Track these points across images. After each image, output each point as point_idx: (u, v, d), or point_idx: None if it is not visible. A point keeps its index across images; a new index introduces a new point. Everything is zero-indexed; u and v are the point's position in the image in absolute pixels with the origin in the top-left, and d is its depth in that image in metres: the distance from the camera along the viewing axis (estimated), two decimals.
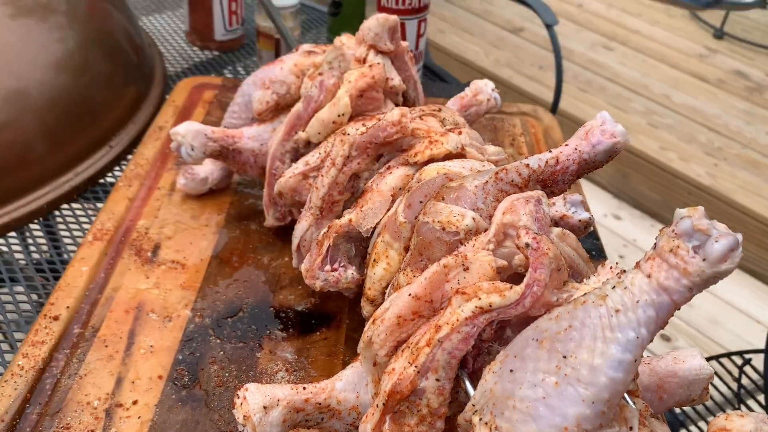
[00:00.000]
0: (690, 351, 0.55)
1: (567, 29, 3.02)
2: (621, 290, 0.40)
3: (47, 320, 0.68)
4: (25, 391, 0.61)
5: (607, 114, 0.53)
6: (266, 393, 0.52)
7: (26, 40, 0.87)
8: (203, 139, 0.77)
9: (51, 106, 0.89)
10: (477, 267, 0.48)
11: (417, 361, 0.46)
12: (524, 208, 0.50)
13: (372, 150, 0.65)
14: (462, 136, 0.64)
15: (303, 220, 0.68)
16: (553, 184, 0.54)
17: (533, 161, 0.53)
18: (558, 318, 0.43)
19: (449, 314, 0.46)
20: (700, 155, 2.35)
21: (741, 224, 2.13)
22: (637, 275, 0.40)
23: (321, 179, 0.66)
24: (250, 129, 0.80)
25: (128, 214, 0.82)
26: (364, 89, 0.70)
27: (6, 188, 0.85)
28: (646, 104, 2.62)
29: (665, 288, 0.38)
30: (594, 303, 0.41)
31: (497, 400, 0.43)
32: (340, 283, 0.64)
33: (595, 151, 0.52)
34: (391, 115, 0.64)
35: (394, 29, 0.73)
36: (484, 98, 0.80)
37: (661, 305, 0.39)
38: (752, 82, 2.78)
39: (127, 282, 0.73)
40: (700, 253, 0.37)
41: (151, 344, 0.67)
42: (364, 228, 0.62)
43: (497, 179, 0.53)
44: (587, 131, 0.53)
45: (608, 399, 0.40)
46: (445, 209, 0.52)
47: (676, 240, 0.38)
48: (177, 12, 1.45)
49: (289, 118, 0.75)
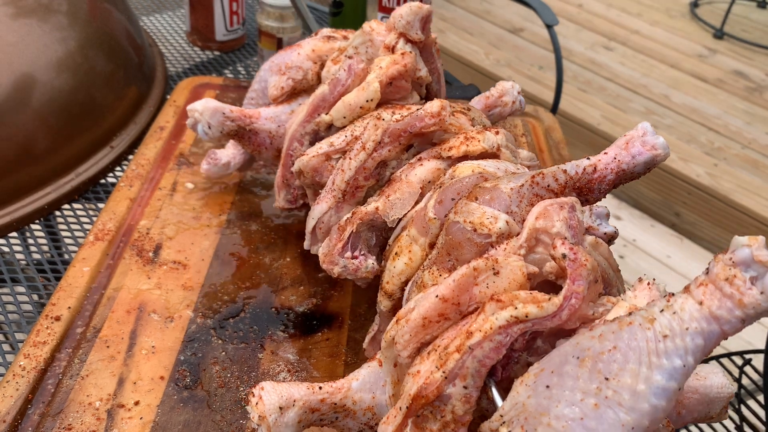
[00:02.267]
0: (711, 367, 0.54)
1: (567, 29, 3.02)
2: (670, 315, 0.39)
3: (49, 320, 0.68)
4: (27, 392, 0.61)
5: (649, 125, 0.52)
6: (282, 393, 0.51)
7: (27, 40, 0.87)
8: (221, 117, 0.76)
9: (52, 107, 0.89)
10: (508, 272, 0.47)
11: (445, 366, 0.45)
12: (558, 214, 0.49)
13: (405, 139, 0.63)
14: (499, 136, 0.63)
15: (323, 201, 0.66)
16: (588, 192, 0.53)
17: (570, 167, 0.52)
18: (602, 337, 0.41)
19: (482, 321, 0.45)
20: (700, 155, 2.35)
21: (741, 224, 2.13)
22: (687, 301, 0.39)
23: (348, 162, 0.64)
24: (268, 110, 0.79)
25: (129, 214, 0.82)
26: (395, 77, 0.69)
27: (7, 188, 0.85)
28: (646, 104, 2.62)
29: (717, 317, 0.37)
30: (641, 325, 0.40)
31: (530, 415, 0.42)
32: (360, 271, 0.63)
33: (634, 162, 0.52)
34: (430, 106, 0.62)
35: (426, 19, 0.71)
36: (509, 100, 0.79)
37: (711, 334, 0.38)
38: (752, 82, 2.78)
39: (128, 282, 0.73)
40: (758, 285, 0.36)
41: (152, 345, 0.67)
42: (391, 218, 0.61)
43: (533, 183, 0.52)
44: (627, 141, 0.52)
45: (648, 426, 0.39)
46: (477, 210, 0.51)
47: (732, 269, 0.37)
48: (178, 12, 1.45)
49: (312, 100, 0.73)
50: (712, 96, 2.68)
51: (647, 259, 2.10)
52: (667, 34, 3.12)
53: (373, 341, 0.62)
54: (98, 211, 0.88)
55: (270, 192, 0.89)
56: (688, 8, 3.38)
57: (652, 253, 2.12)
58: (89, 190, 0.93)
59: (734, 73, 2.83)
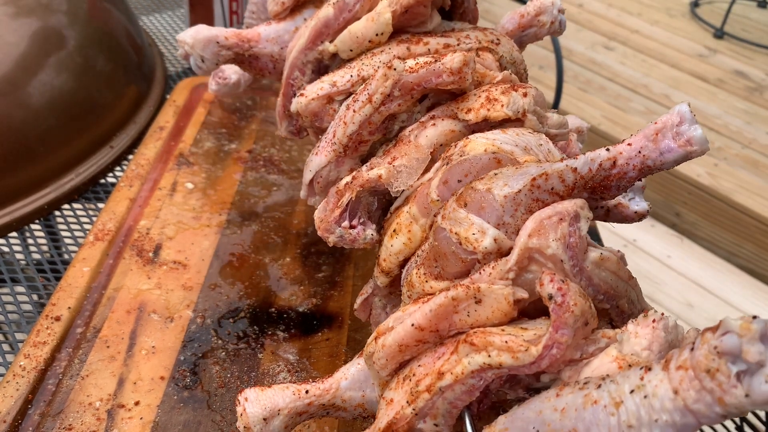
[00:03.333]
0: None
1: (567, 29, 3.02)
2: (640, 399, 0.34)
3: (49, 321, 0.68)
4: (27, 392, 0.61)
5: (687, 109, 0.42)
6: (266, 404, 0.50)
7: (27, 40, 0.87)
8: (215, 48, 0.68)
9: (52, 106, 0.89)
10: (491, 300, 0.42)
11: (415, 404, 0.43)
12: (556, 231, 0.42)
13: (418, 93, 0.55)
14: (526, 99, 0.53)
15: (322, 153, 0.59)
16: (604, 191, 0.45)
17: (582, 164, 0.44)
18: (564, 413, 0.37)
19: (454, 362, 0.42)
20: None
21: (741, 224, 2.13)
22: (662, 385, 0.33)
23: (352, 114, 0.56)
24: (269, 28, 0.69)
25: (129, 214, 0.82)
26: (411, 5, 0.59)
27: (7, 188, 0.85)
28: (646, 104, 2.62)
29: (692, 411, 0.32)
30: (605, 408, 0.35)
31: None
32: (357, 242, 0.57)
33: (662, 159, 0.43)
34: (451, 61, 0.53)
35: None
36: (547, 20, 0.67)
37: (685, 427, 0.33)
38: (752, 82, 2.78)
39: (128, 282, 0.73)
40: (744, 383, 0.30)
41: (152, 345, 0.67)
42: (395, 188, 0.54)
43: (533, 187, 0.45)
44: (658, 131, 0.43)
45: None
46: (465, 220, 0.46)
47: (717, 360, 0.31)
48: (177, 12, 1.45)
49: (315, 25, 0.63)
50: (712, 96, 2.68)
51: (647, 259, 2.10)
52: (668, 34, 3.12)
53: (365, 304, 0.60)
54: (98, 211, 0.88)
55: (270, 192, 0.89)
56: (688, 8, 3.38)
57: (652, 253, 2.12)
58: (89, 190, 0.93)
59: (734, 72, 2.83)
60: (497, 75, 0.57)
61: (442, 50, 0.60)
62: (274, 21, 0.70)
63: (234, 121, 1.01)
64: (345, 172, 0.60)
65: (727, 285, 2.02)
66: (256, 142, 0.97)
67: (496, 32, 0.63)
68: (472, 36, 0.61)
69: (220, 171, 0.91)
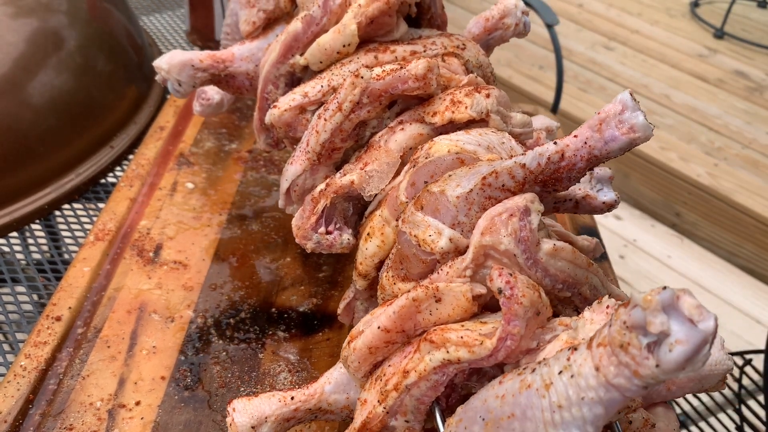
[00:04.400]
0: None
1: (567, 29, 3.02)
2: (567, 378, 0.35)
3: (49, 321, 0.68)
4: (28, 392, 0.61)
5: (629, 97, 0.43)
6: (253, 413, 0.51)
7: (27, 40, 0.87)
8: (190, 71, 0.69)
9: (52, 106, 0.89)
10: (450, 298, 0.44)
11: (385, 402, 0.45)
12: (506, 227, 0.44)
13: (386, 99, 0.57)
14: (489, 100, 0.55)
15: (296, 162, 0.61)
16: (556, 183, 0.46)
17: (530, 159, 0.45)
18: (503, 400, 0.38)
19: (417, 360, 0.43)
20: (700, 155, 2.34)
21: (741, 224, 2.13)
22: (585, 363, 0.34)
23: (323, 123, 0.58)
24: (242, 47, 0.71)
25: (130, 214, 0.82)
26: (375, 16, 0.60)
27: (7, 188, 0.85)
28: (646, 104, 2.62)
29: (615, 386, 0.33)
30: (538, 391, 0.36)
31: None
32: (334, 247, 0.59)
33: (608, 148, 0.43)
34: (415, 67, 0.55)
35: None
36: (511, 22, 0.68)
37: (611, 402, 0.33)
38: (752, 82, 2.78)
39: (129, 282, 0.73)
40: (654, 354, 0.31)
41: (153, 345, 0.67)
42: (367, 193, 0.56)
43: (484, 185, 0.46)
44: (601, 121, 0.44)
45: None
46: (422, 222, 0.47)
47: (628, 334, 0.32)
48: (177, 12, 1.45)
49: (285, 39, 0.65)
50: (712, 96, 2.68)
51: (647, 259, 2.10)
52: (668, 34, 3.12)
53: (348, 308, 0.61)
54: (98, 211, 0.88)
55: (270, 192, 0.89)
56: (688, 8, 3.38)
57: (652, 253, 2.12)
58: (89, 190, 0.93)
59: (734, 72, 2.83)
60: (463, 79, 0.59)
61: (409, 57, 0.62)
62: (247, 40, 0.72)
63: (234, 121, 1.01)
64: (320, 180, 0.62)
65: (727, 285, 2.02)
66: (256, 142, 0.97)
67: (462, 38, 0.65)
68: (438, 42, 0.62)
69: (221, 171, 0.91)
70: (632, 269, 2.04)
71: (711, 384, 0.49)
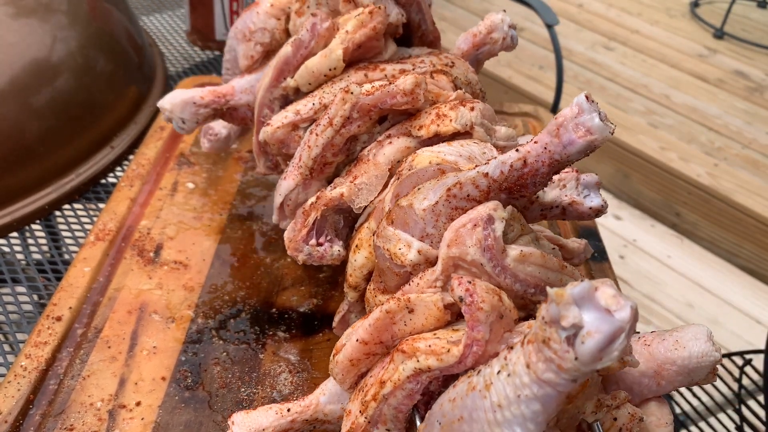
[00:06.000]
0: (694, 332, 0.48)
1: (567, 29, 3.02)
2: (505, 378, 0.36)
3: (50, 321, 0.68)
4: (29, 392, 0.61)
5: (584, 100, 0.42)
6: (251, 426, 0.53)
7: (27, 40, 0.87)
8: (192, 108, 0.72)
9: (52, 107, 0.89)
10: (422, 309, 0.45)
11: (366, 412, 0.46)
12: (471, 237, 0.44)
13: (375, 114, 0.59)
14: (473, 113, 0.57)
15: (289, 177, 0.63)
16: (521, 189, 0.46)
17: (493, 168, 0.46)
18: (454, 403, 0.39)
19: (392, 371, 0.45)
20: (700, 155, 2.34)
21: (741, 224, 2.13)
22: (519, 361, 0.35)
23: (315, 138, 0.60)
24: (242, 80, 0.74)
25: (130, 214, 0.82)
26: (363, 42, 0.62)
27: (7, 188, 0.85)
28: (646, 104, 2.62)
29: (546, 381, 0.33)
30: (480, 392, 0.37)
31: None
32: (325, 259, 0.60)
33: (567, 152, 0.43)
34: (403, 83, 0.57)
35: None
36: (499, 36, 0.69)
37: (546, 397, 0.34)
38: (752, 82, 2.78)
39: (129, 282, 0.73)
40: (573, 348, 0.31)
41: (154, 345, 0.67)
42: (357, 205, 0.57)
43: (449, 196, 0.47)
44: (559, 126, 0.44)
45: None
46: (393, 236, 0.49)
47: (548, 329, 0.32)
48: (177, 12, 1.45)
49: (276, 64, 0.67)
50: (712, 96, 2.68)
51: (647, 259, 2.10)
52: (667, 34, 3.12)
53: (342, 321, 0.62)
54: (99, 211, 0.88)
55: (271, 192, 0.89)
56: (688, 8, 3.38)
57: (652, 253, 2.12)
58: (90, 190, 0.93)
59: (734, 73, 2.83)
60: (451, 94, 0.60)
61: (398, 75, 0.63)
62: (246, 73, 0.74)
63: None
64: (313, 194, 0.63)
65: (727, 285, 2.02)
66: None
67: (451, 55, 0.66)
68: (427, 60, 0.64)
69: (221, 171, 0.91)
70: (632, 269, 2.04)
71: (700, 377, 0.48)
